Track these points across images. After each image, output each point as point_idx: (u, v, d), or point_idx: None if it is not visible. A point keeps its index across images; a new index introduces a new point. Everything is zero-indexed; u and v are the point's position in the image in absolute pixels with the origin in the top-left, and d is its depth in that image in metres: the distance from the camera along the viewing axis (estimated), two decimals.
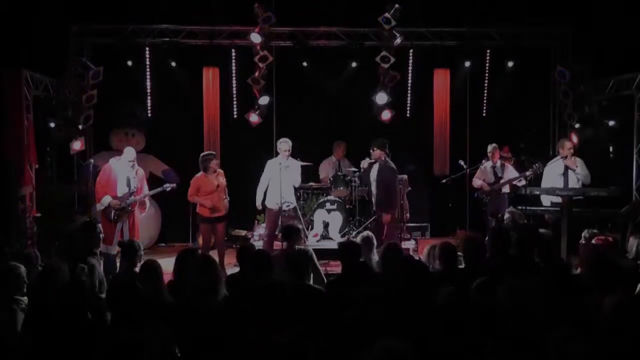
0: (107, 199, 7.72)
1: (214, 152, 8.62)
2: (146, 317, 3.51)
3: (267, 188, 8.52)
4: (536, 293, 3.21)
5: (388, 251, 4.96)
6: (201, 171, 8.19)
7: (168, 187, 8.28)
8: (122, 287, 3.77)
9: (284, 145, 8.38)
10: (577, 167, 8.31)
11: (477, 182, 8.93)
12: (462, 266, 4.93)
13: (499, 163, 8.90)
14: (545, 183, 8.50)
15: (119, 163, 7.90)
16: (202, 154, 8.43)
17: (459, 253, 4.95)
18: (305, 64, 10.35)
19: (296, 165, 8.63)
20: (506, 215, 7.34)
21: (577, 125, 9.35)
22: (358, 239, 5.76)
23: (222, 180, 8.28)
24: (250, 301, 3.55)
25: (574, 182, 8.32)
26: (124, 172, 7.86)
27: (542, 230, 5.76)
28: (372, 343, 2.60)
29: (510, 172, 8.81)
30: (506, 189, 8.76)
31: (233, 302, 4.05)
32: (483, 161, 9.03)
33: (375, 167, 8.43)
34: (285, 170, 8.31)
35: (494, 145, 8.92)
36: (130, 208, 7.83)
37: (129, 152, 7.96)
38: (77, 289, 3.66)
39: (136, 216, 7.99)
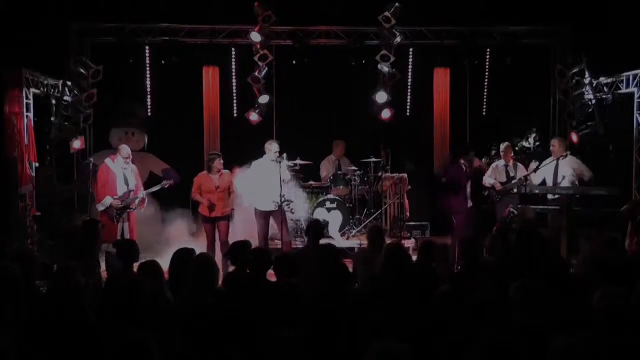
0: (108, 200, 7.77)
1: (219, 152, 8.54)
2: (146, 317, 3.51)
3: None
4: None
5: (391, 251, 4.91)
6: (205, 170, 8.25)
7: (166, 184, 8.34)
8: (120, 287, 3.77)
9: (276, 146, 8.39)
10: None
11: (489, 181, 8.90)
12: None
13: (511, 162, 8.89)
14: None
15: (115, 163, 7.93)
16: (208, 154, 8.59)
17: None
18: (296, 61, 10.32)
19: (284, 163, 8.64)
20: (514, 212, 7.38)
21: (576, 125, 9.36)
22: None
23: (227, 181, 8.20)
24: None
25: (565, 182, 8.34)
26: (121, 171, 7.91)
27: (541, 230, 5.77)
28: (370, 344, 2.60)
29: (523, 172, 8.78)
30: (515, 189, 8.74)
31: (234, 301, 4.07)
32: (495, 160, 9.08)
33: None
34: (284, 169, 8.33)
35: (506, 144, 8.90)
36: (131, 207, 7.89)
37: (125, 150, 8.00)
38: (76, 289, 3.66)
39: (134, 214, 8.03)
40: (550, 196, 8.26)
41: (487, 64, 10.61)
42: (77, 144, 9.19)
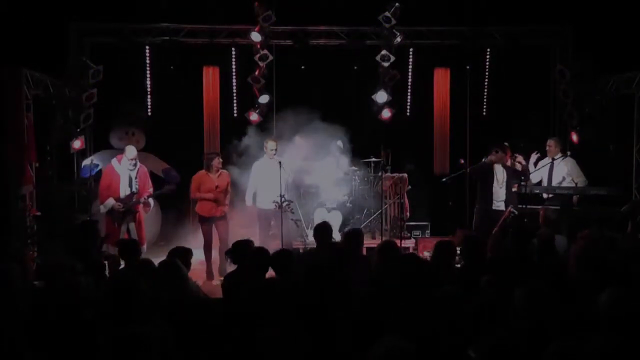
0: (110, 202, 7.78)
1: (217, 151, 8.57)
2: (145, 315, 3.51)
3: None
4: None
5: (385, 248, 4.90)
6: (204, 169, 8.24)
7: (168, 189, 8.35)
8: (121, 286, 3.77)
9: (272, 144, 8.40)
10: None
11: None
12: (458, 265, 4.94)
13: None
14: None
15: (120, 164, 7.93)
16: (206, 153, 8.49)
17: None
18: (296, 61, 10.32)
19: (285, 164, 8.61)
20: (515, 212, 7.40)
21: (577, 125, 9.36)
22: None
23: (225, 180, 8.24)
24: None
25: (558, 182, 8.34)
26: (126, 173, 7.90)
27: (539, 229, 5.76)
28: (373, 341, 2.60)
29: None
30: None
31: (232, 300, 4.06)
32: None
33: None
34: (283, 169, 8.31)
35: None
36: (134, 209, 7.87)
37: (130, 151, 7.98)
38: (75, 288, 3.66)
39: (142, 215, 8.03)
40: (545, 195, 8.28)
41: (487, 64, 10.61)
42: (77, 144, 9.20)
